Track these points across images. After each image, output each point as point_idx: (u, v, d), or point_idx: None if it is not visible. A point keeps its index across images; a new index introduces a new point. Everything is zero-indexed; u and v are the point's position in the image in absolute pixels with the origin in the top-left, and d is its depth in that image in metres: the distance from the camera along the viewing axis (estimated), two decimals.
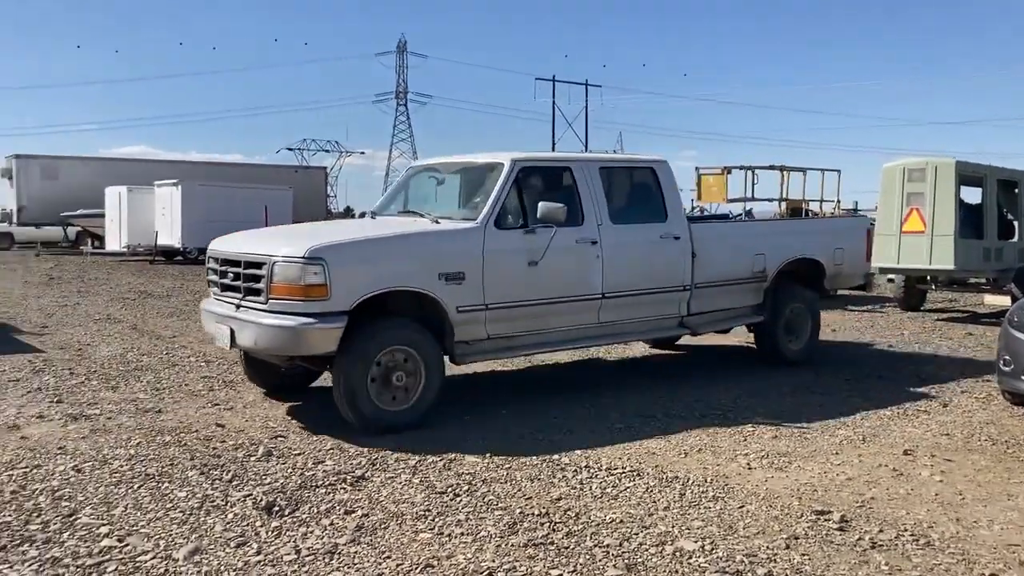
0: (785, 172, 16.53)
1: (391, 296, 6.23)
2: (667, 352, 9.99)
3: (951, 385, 8.06)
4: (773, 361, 8.76)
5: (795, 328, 8.86)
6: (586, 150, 56.01)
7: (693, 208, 17.96)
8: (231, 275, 6.48)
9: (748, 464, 5.50)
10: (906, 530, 4.42)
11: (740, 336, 11.14)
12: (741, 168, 16.43)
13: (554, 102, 53.17)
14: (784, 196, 16.46)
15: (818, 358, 9.49)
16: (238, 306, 6.35)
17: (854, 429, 6.40)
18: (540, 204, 6.63)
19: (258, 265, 6.12)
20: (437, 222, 6.75)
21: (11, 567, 3.87)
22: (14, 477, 5.11)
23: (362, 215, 7.85)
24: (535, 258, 6.74)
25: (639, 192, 7.93)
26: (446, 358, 6.56)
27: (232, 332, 6.28)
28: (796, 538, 4.29)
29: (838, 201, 18.38)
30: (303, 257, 5.86)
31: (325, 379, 7.58)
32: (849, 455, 5.74)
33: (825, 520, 4.52)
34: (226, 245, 6.80)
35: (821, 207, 18.58)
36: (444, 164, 7.91)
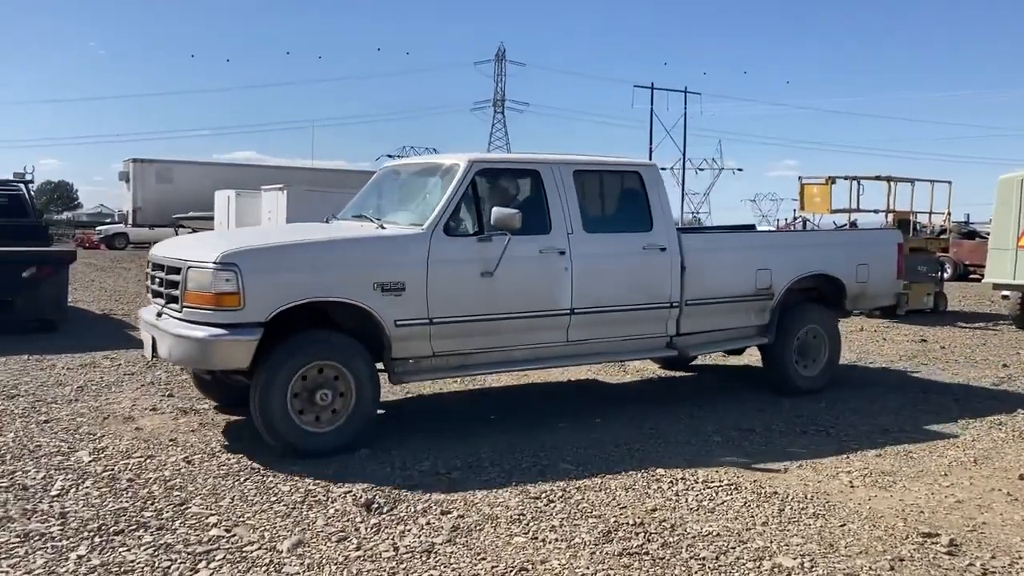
0: (892, 183, 15.95)
1: (328, 307, 5.81)
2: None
3: None
4: (781, 388, 7.88)
5: (809, 352, 7.98)
6: (683, 158, 55.44)
7: (795, 218, 17.56)
8: (157, 280, 6.08)
9: (850, 482, 5.35)
10: (1021, 557, 4.22)
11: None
12: (846, 178, 15.91)
13: (652, 109, 52.86)
14: (891, 207, 15.88)
15: (927, 377, 9.16)
16: (159, 313, 5.98)
17: (964, 450, 6.14)
18: (493, 209, 6.07)
19: (176, 271, 5.71)
20: (383, 227, 6.25)
21: (128, 550, 4.07)
22: (130, 466, 5.38)
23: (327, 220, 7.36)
24: (489, 268, 6.13)
25: (621, 199, 7.28)
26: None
27: (154, 341, 5.92)
28: (901, 560, 4.15)
29: (948, 213, 17.65)
30: (214, 262, 5.41)
31: (423, 387, 7.72)
32: (959, 477, 5.52)
33: (933, 543, 4.36)
34: (159, 249, 6.36)
35: (930, 219, 17.90)
36: (406, 165, 7.33)
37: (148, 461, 5.47)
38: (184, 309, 5.60)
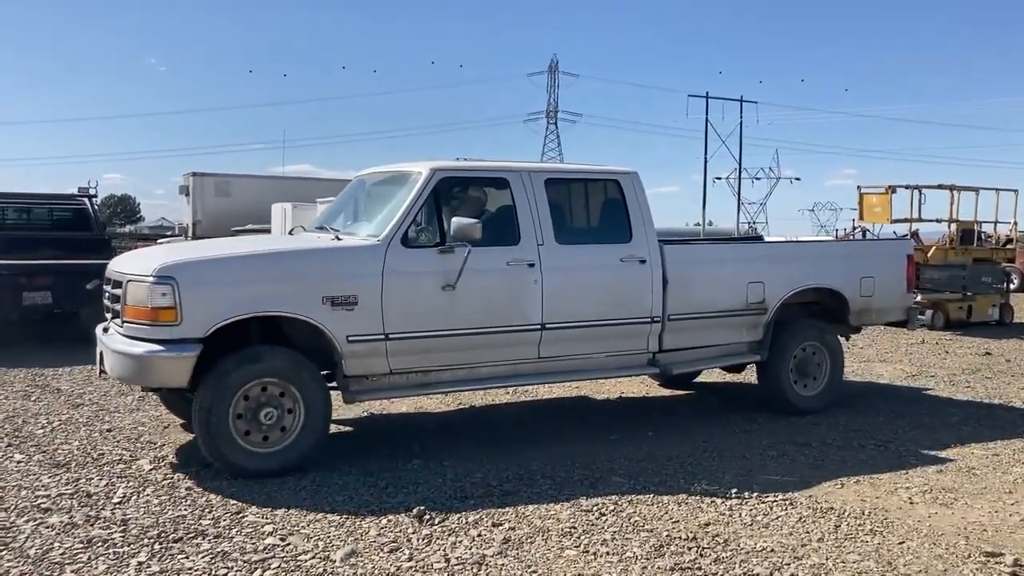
0: (955, 192, 15.58)
1: (280, 321, 5.59)
2: None
3: None
4: (777, 408, 7.46)
5: (808, 370, 7.56)
6: (739, 167, 54.80)
7: (855, 228, 17.25)
8: (107, 294, 5.93)
9: (909, 498, 5.23)
10: None
11: (898, 366, 10.66)
12: (906, 187, 15.57)
13: (707, 119, 52.18)
14: (954, 217, 15.51)
15: (991, 391, 8.91)
16: (105, 328, 5.87)
17: None
18: (452, 219, 5.82)
19: (120, 284, 5.55)
20: (339, 239, 6.02)
21: (187, 557, 4.16)
22: (189, 474, 5.50)
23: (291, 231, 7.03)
24: (450, 281, 5.86)
25: (599, 209, 6.93)
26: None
27: (101, 356, 5.76)
28: None
29: (1014, 223, 17.19)
30: (151, 276, 5.23)
31: (474, 399, 7.75)
32: None
33: (996, 563, 4.24)
34: (113, 262, 6.15)
35: (995, 229, 17.45)
36: (372, 174, 7.05)
37: (206, 470, 5.58)
38: (125, 324, 5.43)
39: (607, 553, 4.29)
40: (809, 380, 7.61)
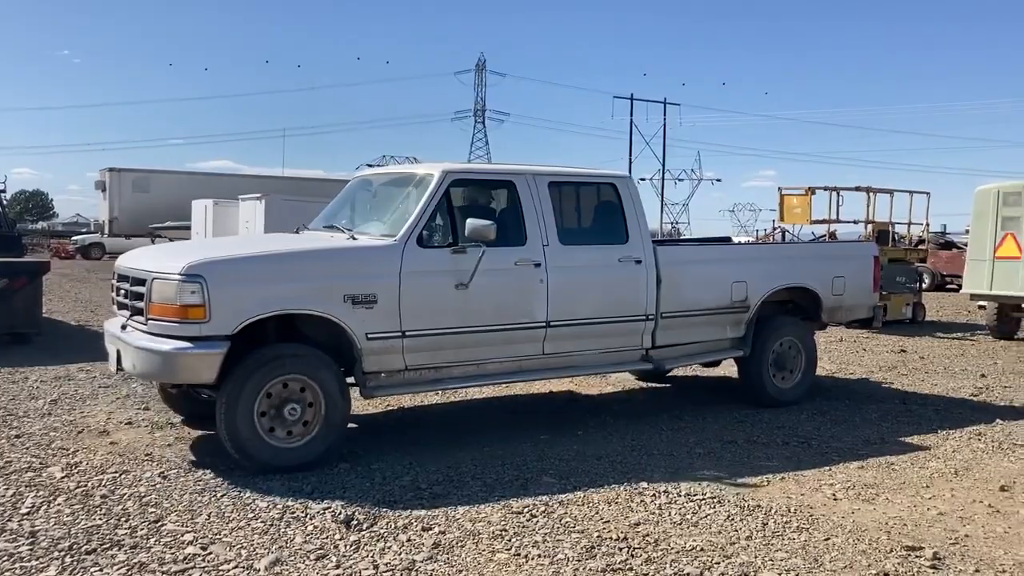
0: (871, 194, 16.06)
1: (298, 319, 5.73)
2: None
3: None
4: (759, 401, 7.81)
5: (786, 364, 7.95)
6: (663, 168, 55.63)
7: (775, 229, 17.63)
8: (123, 292, 5.95)
9: (833, 495, 5.33)
10: (1004, 571, 4.22)
11: (818, 364, 10.89)
12: (825, 189, 16.00)
13: (632, 120, 52.98)
14: (870, 218, 15.99)
15: (906, 388, 9.18)
16: (123, 326, 5.86)
17: (945, 462, 6.15)
18: (467, 221, 5.96)
19: (141, 282, 5.60)
20: (354, 238, 6.17)
21: (101, 570, 3.97)
22: (104, 482, 5.27)
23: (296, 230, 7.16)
24: (463, 280, 6.04)
25: (597, 210, 7.22)
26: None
27: (119, 354, 5.78)
28: (886, 574, 4.13)
29: (927, 224, 17.81)
30: (179, 274, 5.31)
31: (404, 400, 7.65)
32: (941, 489, 5.51)
33: (916, 557, 4.34)
34: (125, 259, 6.24)
35: (908, 230, 18.04)
36: (379, 175, 7.30)
37: (123, 477, 5.37)
38: (149, 322, 5.47)
39: (539, 555, 4.26)
40: (786, 373, 7.99)
